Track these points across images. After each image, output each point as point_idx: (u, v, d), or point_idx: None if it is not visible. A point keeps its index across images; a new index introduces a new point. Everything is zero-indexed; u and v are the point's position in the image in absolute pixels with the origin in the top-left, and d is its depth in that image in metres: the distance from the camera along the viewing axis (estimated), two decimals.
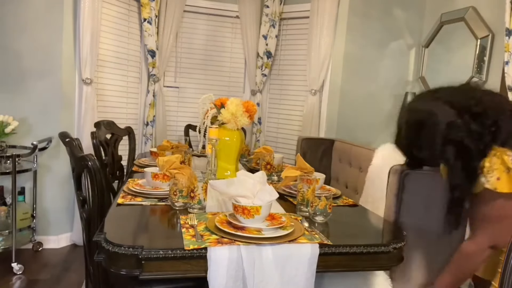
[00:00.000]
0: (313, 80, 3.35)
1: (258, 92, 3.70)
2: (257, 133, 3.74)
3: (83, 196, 1.51)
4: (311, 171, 1.79)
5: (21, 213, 2.73)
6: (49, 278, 2.49)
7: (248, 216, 1.23)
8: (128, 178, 1.92)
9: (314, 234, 1.27)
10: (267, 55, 3.62)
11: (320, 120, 3.41)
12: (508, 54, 2.31)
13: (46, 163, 2.89)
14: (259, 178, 1.37)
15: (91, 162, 1.37)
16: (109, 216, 1.38)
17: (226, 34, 3.75)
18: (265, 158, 2.11)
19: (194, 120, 3.61)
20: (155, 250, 1.09)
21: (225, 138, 2.02)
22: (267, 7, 3.56)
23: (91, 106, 2.96)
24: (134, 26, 3.39)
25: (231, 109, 1.98)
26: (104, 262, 1.14)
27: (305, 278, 1.18)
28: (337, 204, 1.71)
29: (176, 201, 1.47)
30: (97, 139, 2.26)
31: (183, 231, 1.23)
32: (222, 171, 2.02)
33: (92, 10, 2.87)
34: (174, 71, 3.68)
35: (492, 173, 1.17)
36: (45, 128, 2.84)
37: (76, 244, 3.01)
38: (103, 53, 3.13)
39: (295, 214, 1.51)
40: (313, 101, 3.37)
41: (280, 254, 1.16)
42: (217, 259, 1.11)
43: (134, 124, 3.41)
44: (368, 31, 3.18)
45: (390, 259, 1.30)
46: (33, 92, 2.81)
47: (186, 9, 3.56)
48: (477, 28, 2.72)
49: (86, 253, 1.54)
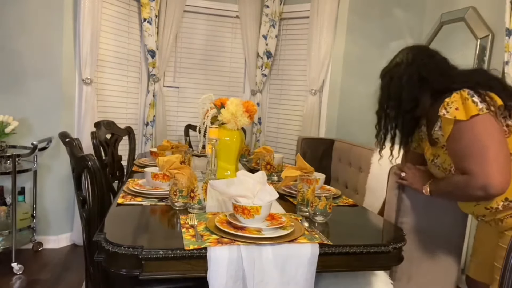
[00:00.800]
0: (313, 80, 3.35)
1: (258, 92, 3.70)
2: (257, 133, 3.74)
3: (83, 196, 1.51)
4: (311, 171, 1.80)
5: (21, 213, 2.74)
6: (49, 278, 2.49)
7: (248, 216, 1.23)
8: (128, 178, 1.92)
9: (314, 234, 1.27)
10: (267, 55, 3.62)
11: (320, 120, 3.41)
12: (508, 54, 2.31)
13: (46, 163, 2.90)
14: (259, 178, 1.37)
15: (91, 162, 1.37)
16: (109, 216, 1.38)
17: (226, 34, 3.75)
18: (265, 158, 2.11)
19: (194, 120, 3.61)
20: (155, 250, 1.09)
21: (225, 138, 2.02)
22: (267, 7, 3.56)
23: (91, 106, 2.96)
24: (134, 26, 3.39)
25: (231, 109, 1.98)
26: (104, 262, 1.14)
27: (305, 278, 1.18)
28: (337, 204, 1.71)
29: (176, 201, 1.47)
30: (97, 139, 2.26)
31: (183, 231, 1.23)
32: (222, 171, 2.02)
33: (92, 10, 2.87)
34: (174, 71, 3.68)
35: (452, 104, 1.28)
36: (45, 128, 2.84)
37: (76, 244, 3.01)
38: (103, 53, 3.13)
39: (295, 214, 1.51)
40: (313, 101, 3.37)
41: (280, 254, 1.16)
42: (217, 259, 1.11)
43: (134, 124, 3.41)
44: (368, 31, 3.18)
45: (390, 259, 1.30)
46: (33, 92, 2.81)
47: (186, 9, 3.56)
48: (477, 28, 2.72)
49: (86, 253, 1.54)
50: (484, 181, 1.21)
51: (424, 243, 1.64)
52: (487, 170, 1.21)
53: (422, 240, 1.63)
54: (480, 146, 1.24)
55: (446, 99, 1.30)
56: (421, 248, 1.64)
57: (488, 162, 1.22)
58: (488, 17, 2.68)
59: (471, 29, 2.77)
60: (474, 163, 1.24)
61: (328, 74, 3.34)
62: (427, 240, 1.64)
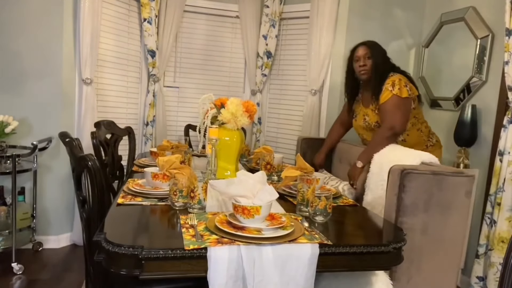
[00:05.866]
0: (313, 80, 3.35)
1: (258, 92, 3.70)
2: (257, 133, 3.74)
3: (83, 196, 1.51)
4: (311, 171, 1.80)
5: (21, 213, 2.74)
6: (49, 278, 2.49)
7: (248, 216, 1.23)
8: (128, 178, 1.92)
9: (314, 234, 1.28)
10: (267, 55, 3.62)
11: (320, 120, 3.41)
12: (508, 54, 2.31)
13: (46, 163, 2.90)
14: (259, 178, 1.38)
15: (91, 162, 1.37)
16: (109, 216, 1.38)
17: (226, 34, 3.75)
18: (265, 158, 2.11)
19: (194, 120, 3.61)
20: (155, 250, 1.09)
21: (225, 138, 2.02)
22: (267, 7, 3.56)
23: (91, 106, 2.96)
24: (134, 26, 3.39)
25: (231, 109, 1.98)
26: (104, 262, 1.14)
27: (305, 278, 1.18)
28: (337, 204, 1.71)
29: (176, 201, 1.47)
30: (97, 139, 2.26)
31: (183, 231, 1.23)
32: (222, 171, 2.02)
33: (92, 10, 2.87)
34: (174, 71, 3.68)
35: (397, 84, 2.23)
36: (45, 128, 2.84)
37: (76, 244, 3.01)
38: (103, 53, 3.13)
39: (295, 214, 1.51)
40: (313, 101, 3.37)
41: (280, 254, 1.16)
42: (217, 259, 1.11)
43: (134, 124, 3.41)
44: (368, 31, 3.17)
45: (390, 259, 1.30)
46: (33, 92, 2.81)
47: (186, 9, 3.56)
48: (477, 28, 2.72)
49: (86, 253, 1.54)
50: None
51: (424, 243, 1.64)
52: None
53: (422, 240, 1.63)
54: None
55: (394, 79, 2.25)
56: (421, 248, 1.64)
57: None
58: (488, 17, 2.68)
59: (471, 29, 2.77)
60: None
61: (328, 74, 3.34)
62: (427, 240, 1.64)
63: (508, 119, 2.34)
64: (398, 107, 2.20)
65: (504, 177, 2.32)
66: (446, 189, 1.63)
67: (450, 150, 2.81)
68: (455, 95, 2.88)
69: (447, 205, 1.63)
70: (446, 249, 1.68)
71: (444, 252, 1.67)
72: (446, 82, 3.00)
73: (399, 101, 2.20)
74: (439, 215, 1.64)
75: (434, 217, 1.64)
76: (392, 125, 2.18)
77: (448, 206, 1.63)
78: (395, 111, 2.20)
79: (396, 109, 2.20)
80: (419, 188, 1.61)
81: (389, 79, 2.26)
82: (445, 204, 1.63)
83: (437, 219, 1.64)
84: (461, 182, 1.65)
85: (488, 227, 2.41)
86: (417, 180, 1.60)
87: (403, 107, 2.22)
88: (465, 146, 2.69)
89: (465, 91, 2.80)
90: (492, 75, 2.63)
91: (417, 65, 3.33)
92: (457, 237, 1.70)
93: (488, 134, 2.62)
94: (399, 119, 2.19)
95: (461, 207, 1.66)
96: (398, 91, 2.19)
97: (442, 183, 1.62)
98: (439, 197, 1.62)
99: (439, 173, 1.63)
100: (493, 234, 2.36)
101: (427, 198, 1.61)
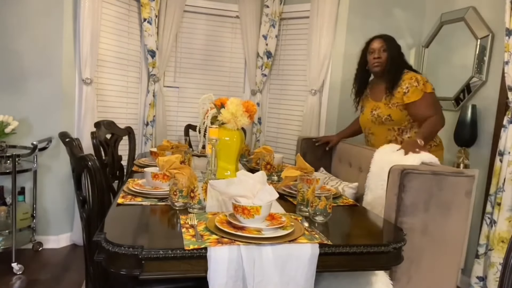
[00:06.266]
0: (313, 80, 3.35)
1: (258, 92, 3.70)
2: (257, 133, 3.74)
3: (83, 196, 1.51)
4: (311, 171, 1.80)
5: (21, 213, 2.74)
6: (49, 278, 2.49)
7: (248, 216, 1.23)
8: (128, 178, 1.92)
9: (314, 234, 1.28)
10: (267, 55, 3.62)
11: (320, 120, 3.41)
12: (508, 54, 2.31)
13: (46, 163, 2.90)
14: (259, 178, 1.38)
15: (91, 162, 1.37)
16: (109, 216, 1.38)
17: (226, 34, 3.75)
18: (265, 158, 2.11)
19: (194, 120, 3.61)
20: (155, 250, 1.09)
21: (225, 138, 2.02)
22: (267, 7, 3.56)
23: (91, 106, 2.96)
24: (134, 26, 3.39)
25: (231, 109, 1.98)
26: (104, 262, 1.14)
27: (305, 278, 1.18)
28: (337, 204, 1.71)
29: (176, 201, 1.47)
30: (97, 139, 2.26)
31: (183, 231, 1.23)
32: (222, 171, 2.02)
33: (92, 10, 2.87)
34: (174, 71, 3.68)
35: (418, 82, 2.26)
36: (45, 128, 2.84)
37: (76, 244, 3.01)
38: (103, 53, 3.13)
39: (295, 214, 1.51)
40: (313, 101, 3.37)
41: (280, 254, 1.16)
42: (217, 259, 1.11)
43: (134, 124, 3.41)
44: (368, 31, 3.16)
45: (390, 259, 1.30)
46: (33, 92, 2.81)
47: (186, 9, 3.56)
48: (477, 28, 2.72)
49: (86, 253, 1.54)
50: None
51: (424, 243, 1.64)
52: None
53: (422, 240, 1.63)
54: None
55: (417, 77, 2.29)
56: (421, 248, 1.64)
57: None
58: (488, 17, 2.68)
59: (471, 29, 2.77)
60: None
61: (328, 74, 3.34)
62: (427, 240, 1.64)
63: (508, 119, 2.34)
64: (434, 103, 2.28)
65: (504, 177, 2.32)
66: (446, 189, 1.63)
67: (450, 150, 2.81)
68: (455, 95, 2.88)
69: (447, 205, 1.63)
70: (446, 249, 1.68)
71: (444, 252, 1.67)
72: (446, 82, 3.00)
73: (431, 97, 2.27)
74: (439, 215, 1.64)
75: (434, 217, 1.63)
76: (438, 122, 2.24)
77: (448, 206, 1.63)
78: (433, 106, 2.25)
79: (432, 105, 2.26)
80: (419, 188, 1.61)
81: (406, 74, 2.29)
82: (445, 204, 1.63)
83: (437, 219, 1.64)
84: (461, 182, 1.65)
85: (488, 227, 2.41)
86: (417, 180, 1.60)
87: (437, 102, 2.32)
88: (465, 146, 2.69)
89: (465, 91, 2.80)
90: (492, 75, 2.63)
91: (417, 65, 3.32)
92: (457, 237, 1.70)
93: (488, 134, 2.62)
94: (440, 113, 2.28)
95: (461, 207, 1.66)
96: (423, 87, 2.24)
97: (442, 183, 1.62)
98: (439, 197, 1.62)
99: (439, 173, 1.63)
100: (493, 234, 2.36)
101: (427, 198, 1.61)
